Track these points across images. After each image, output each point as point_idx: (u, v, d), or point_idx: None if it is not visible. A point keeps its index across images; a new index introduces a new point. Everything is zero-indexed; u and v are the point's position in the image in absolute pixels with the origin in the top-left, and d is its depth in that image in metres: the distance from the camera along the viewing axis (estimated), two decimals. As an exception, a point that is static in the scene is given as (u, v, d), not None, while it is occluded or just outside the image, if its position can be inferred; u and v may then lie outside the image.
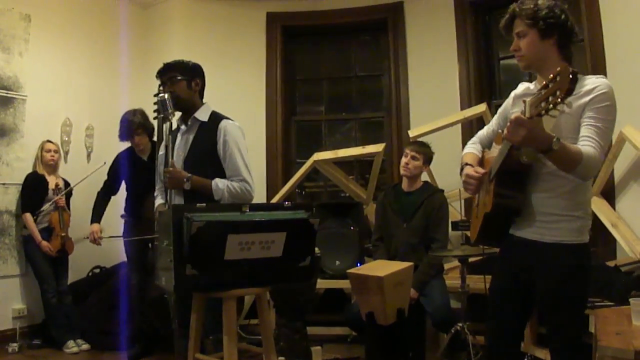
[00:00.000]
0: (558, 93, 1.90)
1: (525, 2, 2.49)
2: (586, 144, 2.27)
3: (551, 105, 1.94)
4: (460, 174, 2.80)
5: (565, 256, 2.43)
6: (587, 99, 2.32)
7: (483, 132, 2.94)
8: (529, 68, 2.57)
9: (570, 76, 1.88)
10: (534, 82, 2.66)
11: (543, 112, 1.98)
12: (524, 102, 2.12)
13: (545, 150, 2.16)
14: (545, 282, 2.47)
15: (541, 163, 2.41)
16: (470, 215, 3.01)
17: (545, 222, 2.46)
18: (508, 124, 2.15)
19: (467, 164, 2.77)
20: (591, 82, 2.35)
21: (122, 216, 5.26)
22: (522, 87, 2.72)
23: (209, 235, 2.75)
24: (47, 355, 5.02)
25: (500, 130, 2.53)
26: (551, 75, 1.96)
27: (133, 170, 5.07)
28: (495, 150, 2.72)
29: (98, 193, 5.28)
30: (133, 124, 4.98)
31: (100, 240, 5.14)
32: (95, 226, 5.10)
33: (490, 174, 2.54)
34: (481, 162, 2.80)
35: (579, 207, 2.46)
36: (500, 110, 2.85)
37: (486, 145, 2.90)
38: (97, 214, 5.21)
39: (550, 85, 1.95)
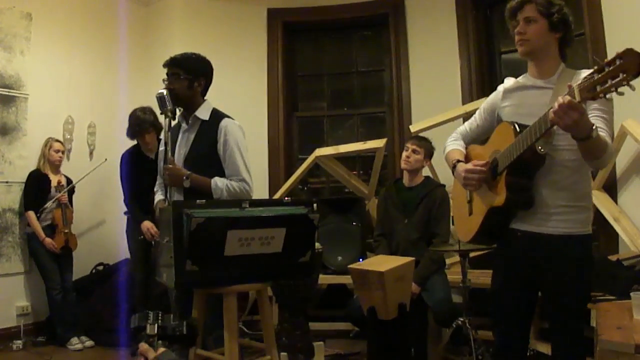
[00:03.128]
0: (622, 75, 1.88)
1: None
2: (602, 134, 2.28)
3: (613, 88, 1.92)
4: (453, 172, 2.80)
5: (575, 247, 2.46)
6: None
7: (465, 129, 2.94)
8: (529, 55, 2.58)
9: (639, 58, 1.87)
10: (522, 76, 2.69)
11: (600, 95, 1.96)
12: (570, 86, 2.08)
13: (585, 137, 2.16)
14: (554, 274, 2.47)
15: (549, 155, 2.41)
16: (454, 214, 2.98)
17: (553, 214, 2.46)
18: (556, 106, 2.09)
19: (459, 161, 2.76)
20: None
21: (125, 213, 5.25)
22: (511, 81, 2.74)
23: (209, 231, 2.76)
24: (51, 352, 5.03)
25: (512, 125, 2.49)
26: (608, 59, 1.93)
27: (139, 169, 5.04)
28: (479, 148, 2.72)
29: (124, 201, 5.19)
30: (145, 123, 4.96)
31: (157, 234, 5.06)
32: (147, 223, 4.92)
33: (496, 168, 2.53)
34: (467, 158, 2.80)
35: (583, 198, 2.49)
36: (484, 105, 2.85)
37: (469, 141, 2.91)
38: (139, 215, 5.01)
39: (607, 69, 1.93)
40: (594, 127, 2.12)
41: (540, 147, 2.30)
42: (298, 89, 6.98)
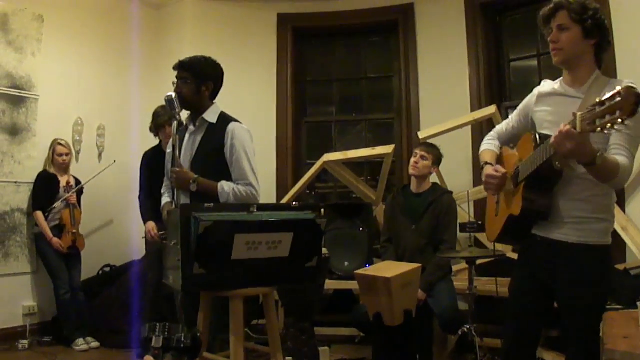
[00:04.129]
0: (619, 113, 1.85)
1: None
2: (619, 153, 2.27)
3: (609, 125, 1.88)
4: (481, 172, 2.78)
5: (590, 257, 2.43)
6: None
7: (502, 128, 2.90)
8: (564, 63, 2.52)
9: (635, 99, 1.83)
10: (558, 81, 2.62)
11: (598, 129, 1.92)
12: (574, 114, 2.04)
13: (588, 164, 2.15)
14: (568, 281, 2.46)
15: (569, 167, 2.40)
16: (486, 213, 2.97)
17: (571, 223, 2.44)
18: (557, 133, 2.09)
19: (487, 163, 2.75)
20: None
21: None
22: (547, 85, 2.67)
23: (217, 235, 2.76)
24: (57, 353, 5.05)
25: (533, 134, 2.46)
26: (610, 94, 1.89)
27: (158, 167, 5.03)
28: (511, 151, 2.71)
29: (139, 197, 5.14)
30: (165, 116, 4.96)
31: (157, 236, 5.11)
32: (150, 223, 4.95)
33: (517, 176, 2.52)
34: (500, 159, 2.79)
35: (604, 210, 2.46)
36: (520, 107, 2.80)
37: (504, 141, 2.87)
38: (146, 213, 5.00)
39: (607, 104, 1.89)
40: (598, 154, 2.10)
41: (557, 163, 2.27)
42: (307, 94, 6.99)
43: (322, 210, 3.13)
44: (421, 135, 5.34)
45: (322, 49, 7.03)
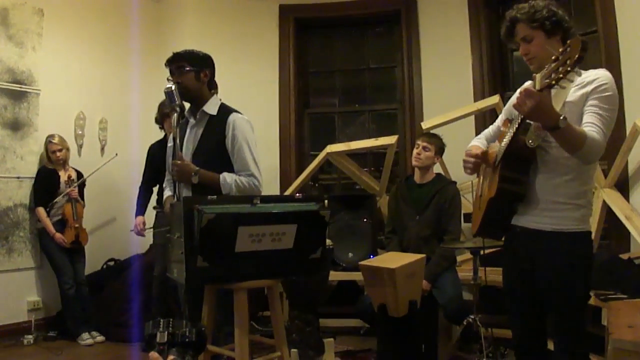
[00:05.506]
0: (569, 62, 1.95)
1: (520, 7, 2.55)
2: (589, 129, 2.30)
3: (561, 75, 1.98)
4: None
5: (567, 244, 2.45)
6: (589, 88, 2.37)
7: (489, 130, 2.98)
8: (541, 68, 2.51)
9: (581, 44, 1.92)
10: None
11: (553, 82, 2.03)
12: (534, 76, 2.15)
13: (552, 127, 2.19)
14: (547, 270, 2.49)
15: (545, 150, 2.45)
16: (474, 208, 3.00)
17: (547, 209, 2.48)
18: (517, 94, 2.19)
19: None
20: (593, 74, 2.41)
21: (154, 208, 5.25)
22: (528, 83, 2.71)
23: (220, 227, 2.75)
24: (62, 347, 5.05)
25: (506, 118, 2.56)
26: (561, 49, 2.00)
27: (163, 162, 5.05)
28: (497, 146, 2.73)
29: (140, 187, 5.28)
30: (168, 108, 4.96)
31: (144, 232, 5.16)
32: (140, 218, 5.12)
33: (496, 160, 2.56)
34: (484, 154, 2.81)
35: (581, 196, 2.48)
36: (505, 107, 2.88)
37: (491, 141, 2.92)
38: (140, 206, 5.23)
39: (560, 57, 1.99)
40: (561, 118, 2.15)
41: (530, 141, 2.35)
42: (309, 85, 6.97)
43: (326, 201, 3.12)
44: (424, 125, 5.33)
45: (325, 40, 7.01)
